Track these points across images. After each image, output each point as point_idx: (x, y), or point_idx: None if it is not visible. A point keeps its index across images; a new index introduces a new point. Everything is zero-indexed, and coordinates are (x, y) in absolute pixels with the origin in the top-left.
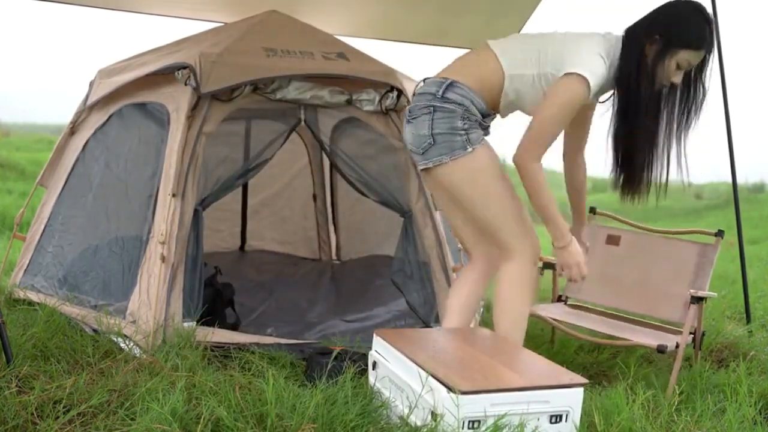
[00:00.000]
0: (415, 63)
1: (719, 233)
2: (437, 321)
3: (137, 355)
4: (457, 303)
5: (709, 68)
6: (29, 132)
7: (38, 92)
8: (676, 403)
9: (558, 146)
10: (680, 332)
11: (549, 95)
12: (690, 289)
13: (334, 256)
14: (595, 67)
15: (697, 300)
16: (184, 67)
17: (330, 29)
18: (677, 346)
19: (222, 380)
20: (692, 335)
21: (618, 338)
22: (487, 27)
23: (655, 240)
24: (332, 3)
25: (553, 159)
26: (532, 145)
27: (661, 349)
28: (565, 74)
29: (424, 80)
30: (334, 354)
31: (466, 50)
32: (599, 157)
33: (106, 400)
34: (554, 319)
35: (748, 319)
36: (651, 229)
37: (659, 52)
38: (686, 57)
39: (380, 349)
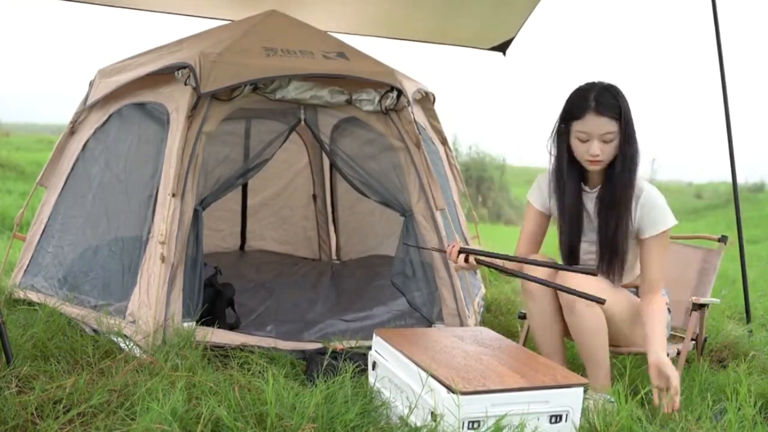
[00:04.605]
0: (415, 63)
1: (722, 239)
2: (440, 319)
3: (137, 355)
4: None
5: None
6: (29, 132)
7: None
8: None
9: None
10: (682, 338)
11: None
12: (692, 296)
13: (334, 256)
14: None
15: (699, 307)
16: (184, 67)
17: (330, 26)
18: (678, 354)
19: (222, 380)
20: (694, 341)
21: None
22: (487, 26)
23: None
24: (332, 2)
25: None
26: None
27: None
28: None
29: None
30: (329, 352)
31: (466, 49)
32: None
33: (106, 400)
34: None
35: (748, 319)
36: None
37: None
38: (578, 128)
39: (380, 349)
